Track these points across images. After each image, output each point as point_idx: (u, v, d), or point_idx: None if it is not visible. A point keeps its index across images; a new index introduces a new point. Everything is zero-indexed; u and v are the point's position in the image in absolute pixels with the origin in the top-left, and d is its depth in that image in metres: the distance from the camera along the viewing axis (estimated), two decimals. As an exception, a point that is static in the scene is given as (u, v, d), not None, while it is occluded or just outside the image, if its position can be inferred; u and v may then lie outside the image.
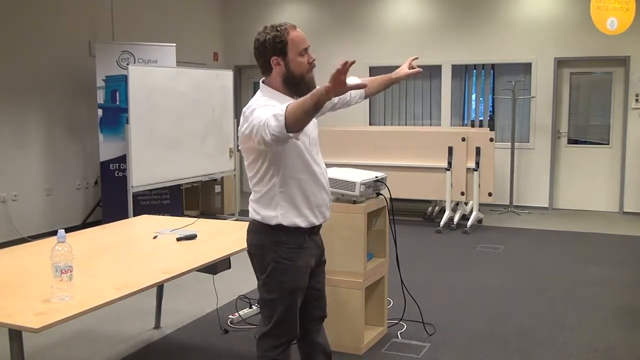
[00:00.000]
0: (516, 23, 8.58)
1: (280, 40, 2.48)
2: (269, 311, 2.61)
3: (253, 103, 2.48)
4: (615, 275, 5.46)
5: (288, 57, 2.50)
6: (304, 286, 2.63)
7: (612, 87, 8.35)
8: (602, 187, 8.45)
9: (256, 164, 2.52)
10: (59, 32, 7.35)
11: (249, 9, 10.06)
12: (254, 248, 2.61)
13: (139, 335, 4.14)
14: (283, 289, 2.56)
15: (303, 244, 2.58)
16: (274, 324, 2.59)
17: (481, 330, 4.16)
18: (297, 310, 2.64)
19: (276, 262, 2.54)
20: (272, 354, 2.62)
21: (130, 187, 6.51)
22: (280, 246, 2.54)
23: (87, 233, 3.73)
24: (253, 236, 2.62)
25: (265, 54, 2.52)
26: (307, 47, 2.53)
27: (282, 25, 2.51)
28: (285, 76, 2.52)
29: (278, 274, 2.55)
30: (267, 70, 2.56)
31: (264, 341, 2.63)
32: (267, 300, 2.61)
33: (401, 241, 4.14)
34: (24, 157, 7.00)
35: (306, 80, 2.52)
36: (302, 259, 2.59)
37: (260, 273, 2.62)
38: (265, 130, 2.26)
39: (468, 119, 9.16)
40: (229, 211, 8.32)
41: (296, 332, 2.66)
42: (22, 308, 2.34)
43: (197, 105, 7.31)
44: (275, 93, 2.53)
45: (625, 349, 3.85)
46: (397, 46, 9.12)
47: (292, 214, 2.53)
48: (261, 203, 2.55)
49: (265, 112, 2.31)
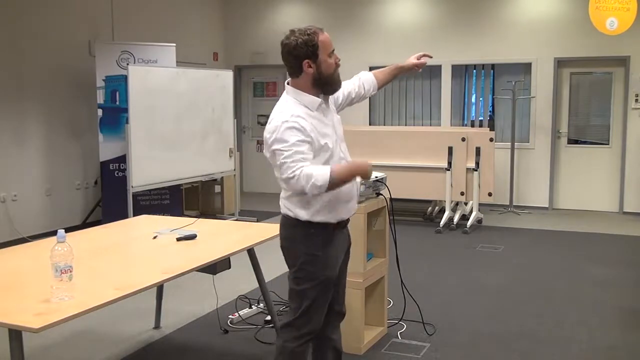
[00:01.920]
0: (516, 23, 8.58)
1: (312, 44, 2.59)
2: (297, 302, 2.70)
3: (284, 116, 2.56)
4: (615, 275, 5.46)
5: (319, 60, 2.62)
6: (333, 277, 2.74)
7: (612, 87, 8.35)
8: (602, 187, 8.45)
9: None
10: (59, 32, 7.35)
11: (249, 9, 10.06)
12: (286, 241, 2.73)
13: (139, 335, 4.13)
14: (313, 280, 2.66)
15: (332, 236, 2.71)
16: (299, 314, 2.69)
17: (481, 330, 4.16)
18: (326, 303, 2.75)
19: (306, 254, 2.66)
20: (291, 345, 2.70)
21: (130, 187, 6.51)
22: (311, 238, 2.65)
23: (87, 233, 3.73)
24: (285, 230, 2.73)
25: (297, 57, 2.62)
26: (333, 49, 2.68)
27: (310, 28, 2.63)
28: (316, 77, 2.64)
29: (308, 266, 2.66)
30: (297, 72, 2.66)
31: (286, 331, 2.72)
32: (297, 292, 2.71)
33: (401, 241, 4.14)
34: (24, 157, 7.00)
35: (334, 78, 2.69)
36: (331, 250, 2.71)
37: (291, 265, 2.73)
38: (306, 186, 2.46)
39: (468, 119, 9.16)
40: (229, 211, 8.32)
41: (319, 325, 2.75)
42: (22, 308, 2.34)
43: (197, 105, 7.31)
44: (303, 94, 2.65)
45: (625, 349, 3.85)
46: (397, 46, 9.12)
47: (322, 212, 2.64)
48: (292, 201, 2.66)
49: (299, 157, 2.49)
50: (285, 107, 2.61)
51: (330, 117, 2.73)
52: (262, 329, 4.14)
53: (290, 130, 2.52)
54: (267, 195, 10.04)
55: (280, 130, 2.52)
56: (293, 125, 2.52)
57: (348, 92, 2.96)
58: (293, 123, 2.53)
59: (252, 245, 3.41)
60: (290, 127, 2.52)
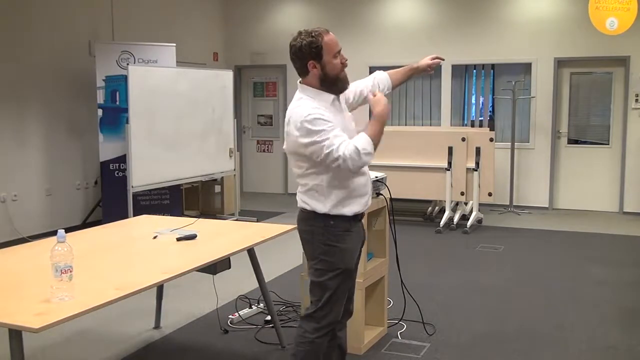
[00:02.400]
0: (516, 23, 8.58)
1: (316, 45, 2.67)
2: (318, 294, 2.78)
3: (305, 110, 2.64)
4: (615, 275, 5.46)
5: (324, 61, 2.70)
6: (352, 268, 2.83)
7: (612, 87, 8.35)
8: (602, 187, 8.45)
9: (306, 163, 2.71)
10: (59, 32, 7.35)
11: (249, 9, 10.06)
12: (305, 234, 2.82)
13: (139, 335, 4.13)
14: (333, 271, 2.75)
15: (350, 228, 2.79)
16: (321, 305, 2.77)
17: (481, 330, 4.16)
18: (345, 294, 2.84)
19: (325, 245, 2.75)
20: (311, 336, 2.78)
21: (130, 187, 6.51)
22: (329, 230, 2.74)
23: (87, 233, 3.73)
24: (303, 223, 2.82)
25: (302, 59, 2.70)
26: (340, 49, 2.74)
27: (316, 30, 2.70)
28: (321, 78, 2.72)
29: (328, 257, 2.75)
30: (304, 73, 2.75)
31: (307, 322, 2.80)
32: (318, 283, 2.79)
33: (401, 241, 4.14)
34: (24, 157, 7.01)
35: (340, 79, 2.76)
36: (349, 242, 2.79)
37: (311, 258, 2.81)
38: (352, 163, 2.59)
39: (468, 119, 9.16)
40: (229, 211, 8.32)
41: (338, 316, 2.84)
42: (22, 308, 2.34)
43: (197, 105, 7.31)
44: (315, 91, 2.73)
45: (625, 349, 3.85)
46: (397, 46, 9.12)
47: (339, 205, 2.74)
48: (310, 195, 2.76)
49: (340, 141, 2.60)
50: (302, 104, 2.70)
51: (342, 114, 2.82)
52: (262, 329, 4.14)
53: (317, 120, 2.61)
54: (267, 195, 10.05)
55: (307, 124, 2.60)
56: (317, 117, 2.62)
57: (360, 91, 3.03)
58: (316, 115, 2.62)
59: (252, 245, 3.41)
60: (316, 118, 2.61)
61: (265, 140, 10.32)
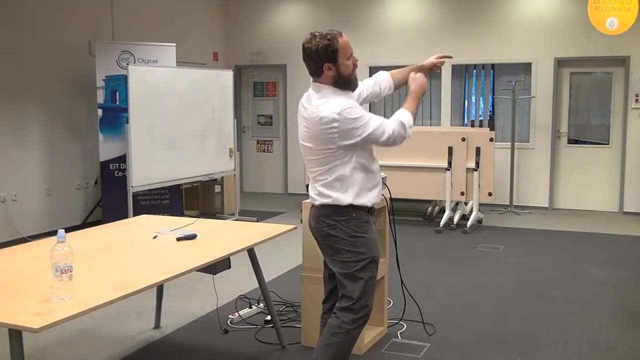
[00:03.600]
0: (516, 23, 8.58)
1: (332, 49, 2.78)
2: (351, 286, 2.85)
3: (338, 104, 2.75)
4: (615, 275, 5.46)
5: (339, 63, 2.81)
6: (378, 258, 2.91)
7: (612, 87, 8.35)
8: (602, 187, 8.45)
9: (333, 154, 2.80)
10: (59, 31, 7.35)
11: (249, 9, 10.06)
12: (327, 228, 2.88)
13: (139, 335, 4.13)
14: (362, 261, 2.85)
15: (369, 220, 2.93)
16: (358, 296, 2.83)
17: (481, 330, 4.16)
18: (374, 283, 2.93)
19: (351, 236, 2.85)
20: (348, 327, 2.85)
21: (130, 187, 6.51)
22: (352, 221, 2.85)
23: (87, 233, 3.73)
24: (324, 219, 2.89)
25: (318, 61, 2.81)
26: (352, 51, 2.88)
27: (330, 33, 2.81)
28: (336, 79, 2.83)
29: (355, 247, 2.85)
30: (318, 74, 2.85)
31: (345, 314, 2.86)
32: (349, 275, 2.85)
33: (401, 241, 4.14)
34: (24, 157, 7.01)
35: (352, 78, 2.89)
36: (372, 232, 2.92)
37: (335, 251, 2.87)
38: (400, 136, 2.85)
39: (468, 119, 9.16)
40: (229, 211, 8.32)
41: (372, 306, 2.92)
42: (22, 308, 2.34)
43: (197, 105, 7.31)
44: (335, 89, 2.84)
45: (625, 349, 3.85)
46: (397, 46, 9.12)
47: (361, 194, 2.86)
48: (333, 188, 2.85)
49: (381, 119, 2.83)
50: (329, 99, 2.77)
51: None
52: (262, 329, 4.14)
53: (353, 109, 2.74)
54: (267, 195, 10.05)
55: (347, 114, 2.71)
56: (352, 106, 2.76)
57: (359, 92, 3.08)
58: (350, 104, 2.76)
59: (252, 245, 3.41)
60: (352, 107, 2.75)
61: (265, 140, 10.32)
